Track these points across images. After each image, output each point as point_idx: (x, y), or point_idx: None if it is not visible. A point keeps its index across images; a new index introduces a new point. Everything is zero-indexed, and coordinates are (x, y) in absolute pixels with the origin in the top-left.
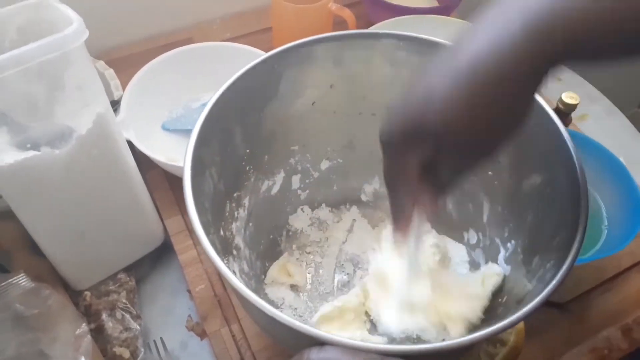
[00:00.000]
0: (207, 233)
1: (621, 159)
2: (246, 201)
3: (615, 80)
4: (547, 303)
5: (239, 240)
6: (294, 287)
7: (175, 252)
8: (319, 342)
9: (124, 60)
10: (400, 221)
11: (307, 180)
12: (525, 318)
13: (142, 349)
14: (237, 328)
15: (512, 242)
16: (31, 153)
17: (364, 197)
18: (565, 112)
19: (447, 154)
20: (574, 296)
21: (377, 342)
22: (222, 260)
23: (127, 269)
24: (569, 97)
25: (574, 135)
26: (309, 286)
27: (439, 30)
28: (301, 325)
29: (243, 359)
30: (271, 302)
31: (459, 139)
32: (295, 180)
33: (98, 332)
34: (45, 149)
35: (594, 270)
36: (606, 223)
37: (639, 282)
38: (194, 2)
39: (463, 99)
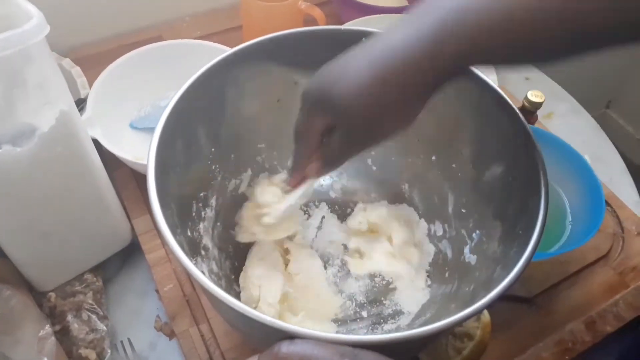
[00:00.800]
0: (174, 234)
1: (586, 157)
2: (213, 201)
3: (582, 80)
4: (514, 298)
5: (207, 241)
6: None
7: (143, 251)
8: (289, 336)
9: (91, 58)
10: (296, 172)
11: None
12: (489, 305)
13: (109, 350)
14: (206, 327)
15: (477, 232)
16: None
17: (332, 194)
18: (530, 110)
19: (341, 129)
20: (541, 290)
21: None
22: (191, 260)
23: (94, 269)
24: (534, 95)
25: (539, 133)
26: None
27: None
28: (272, 320)
29: (212, 359)
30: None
31: (352, 117)
32: (263, 178)
33: (63, 334)
34: (6, 147)
35: (560, 265)
36: (570, 219)
37: (602, 276)
38: None
39: (365, 83)
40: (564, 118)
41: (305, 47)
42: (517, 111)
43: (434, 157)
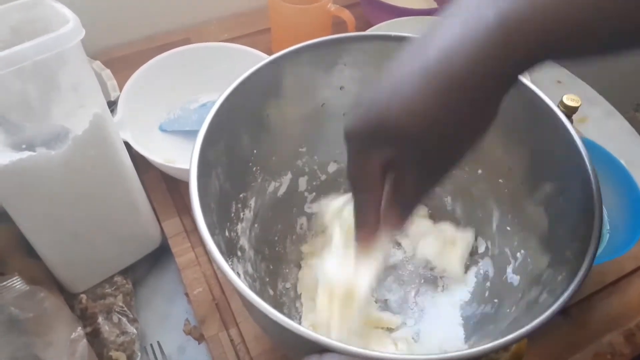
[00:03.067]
0: (212, 234)
1: (622, 162)
2: (252, 202)
3: (612, 82)
4: None
5: (244, 242)
6: None
7: (173, 254)
8: (321, 348)
9: (120, 60)
10: (363, 229)
11: (314, 183)
12: (535, 331)
13: (139, 353)
14: (235, 332)
15: (522, 251)
16: (26, 154)
17: None
18: (566, 114)
19: (409, 160)
20: (576, 300)
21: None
22: (227, 261)
23: (124, 272)
24: (570, 100)
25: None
26: None
27: None
28: (304, 330)
29: None
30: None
31: (419, 142)
32: (302, 182)
33: (94, 336)
34: (40, 149)
35: (596, 275)
36: (608, 227)
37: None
38: (191, 2)
39: (426, 97)
40: (598, 122)
41: (353, 52)
42: (570, 127)
43: (480, 171)
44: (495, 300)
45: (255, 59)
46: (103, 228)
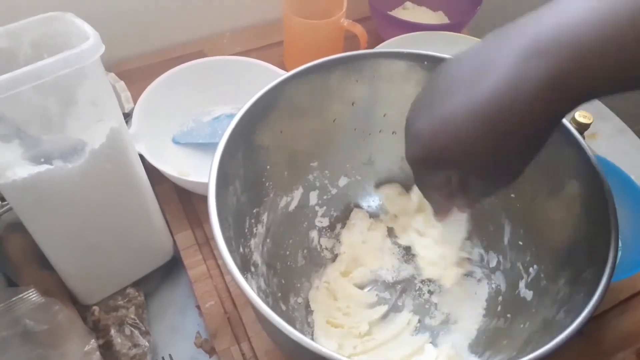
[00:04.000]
0: (230, 250)
1: (632, 178)
2: (265, 217)
3: (623, 97)
4: None
5: (256, 257)
6: None
7: (185, 267)
8: None
9: (134, 72)
10: (439, 214)
11: (324, 197)
12: (556, 351)
13: None
14: (247, 346)
15: (535, 267)
16: (44, 167)
17: (382, 216)
18: (578, 131)
19: (472, 179)
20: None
21: None
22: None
23: (136, 284)
24: (582, 117)
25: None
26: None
27: (450, 46)
28: (326, 351)
29: None
30: None
31: (481, 169)
32: (313, 197)
33: (106, 348)
34: (58, 162)
35: (609, 292)
36: (620, 244)
37: None
38: (204, 15)
39: (484, 140)
40: (609, 138)
41: (365, 69)
42: (585, 145)
43: None
44: (508, 315)
45: (267, 73)
46: (117, 240)
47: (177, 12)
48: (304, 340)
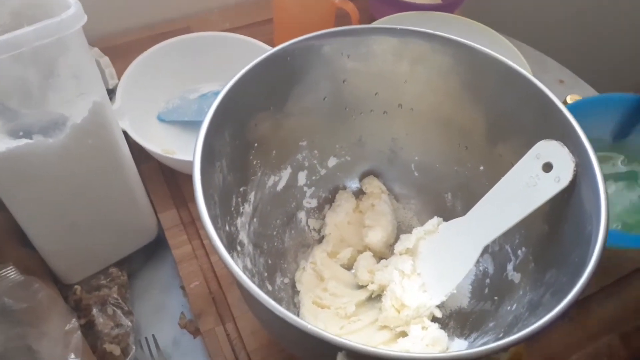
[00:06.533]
0: (216, 228)
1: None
2: (252, 196)
3: (614, 83)
4: None
5: (243, 236)
6: None
7: (169, 247)
8: (334, 348)
9: (120, 48)
10: None
11: (313, 177)
12: (540, 333)
13: (134, 346)
14: (231, 327)
15: (523, 249)
16: (23, 141)
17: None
18: None
19: None
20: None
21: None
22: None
23: (119, 264)
24: (573, 100)
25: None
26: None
27: (443, 27)
28: (312, 327)
29: (237, 359)
30: None
31: None
32: (302, 177)
33: (88, 328)
34: (38, 137)
35: (594, 276)
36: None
37: (639, 289)
38: None
39: None
40: None
41: (357, 45)
42: (577, 125)
43: (481, 167)
44: (495, 298)
45: (256, 50)
46: (99, 218)
47: None
48: (290, 317)
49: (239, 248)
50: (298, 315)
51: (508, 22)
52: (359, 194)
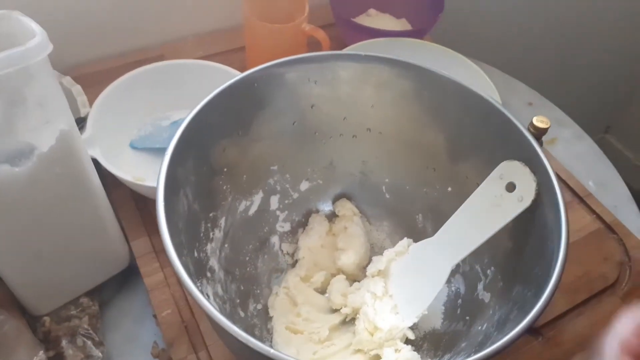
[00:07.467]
0: (180, 255)
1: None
2: (222, 221)
3: (582, 105)
4: None
5: (213, 262)
6: None
7: (141, 275)
8: None
9: (92, 76)
10: None
11: (286, 201)
12: (506, 348)
13: None
14: (204, 355)
15: (492, 269)
16: None
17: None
18: (536, 135)
19: None
20: (548, 320)
21: None
22: (195, 283)
23: (90, 293)
24: (539, 121)
25: None
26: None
27: (413, 52)
28: (284, 356)
29: None
30: None
31: None
32: (274, 201)
33: None
34: (4, 166)
35: (567, 294)
36: None
37: (610, 306)
38: (165, 19)
39: None
40: (568, 143)
41: (324, 71)
42: (537, 146)
43: (449, 189)
44: (467, 318)
45: (230, 77)
46: (69, 247)
47: (138, 15)
48: (257, 345)
49: (209, 274)
50: (271, 341)
51: (478, 47)
52: (332, 216)
